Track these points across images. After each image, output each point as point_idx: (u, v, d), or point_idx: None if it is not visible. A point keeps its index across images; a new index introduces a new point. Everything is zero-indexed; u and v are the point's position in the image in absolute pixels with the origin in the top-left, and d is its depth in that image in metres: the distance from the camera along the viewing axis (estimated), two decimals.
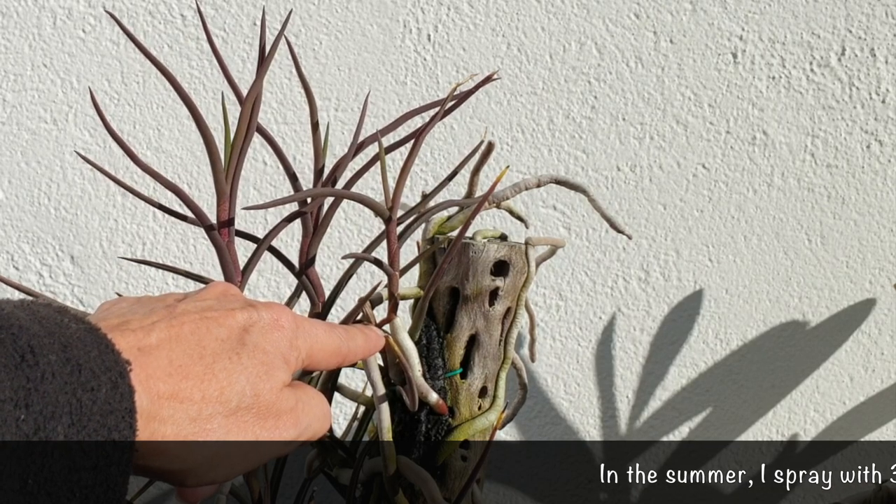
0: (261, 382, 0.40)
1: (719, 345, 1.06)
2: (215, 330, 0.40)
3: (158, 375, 0.36)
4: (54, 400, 0.31)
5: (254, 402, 0.39)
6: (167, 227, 1.02)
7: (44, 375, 0.31)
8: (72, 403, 0.32)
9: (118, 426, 0.33)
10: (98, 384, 0.33)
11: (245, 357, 0.40)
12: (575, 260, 1.04)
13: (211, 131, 0.51)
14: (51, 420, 0.31)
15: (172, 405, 0.36)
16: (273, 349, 0.41)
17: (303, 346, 0.43)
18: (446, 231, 0.62)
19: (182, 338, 0.38)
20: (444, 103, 0.55)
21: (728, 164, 1.02)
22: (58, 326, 0.33)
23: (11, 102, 1.00)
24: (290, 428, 0.41)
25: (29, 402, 0.30)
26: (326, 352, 0.45)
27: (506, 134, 1.02)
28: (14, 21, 0.99)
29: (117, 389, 0.33)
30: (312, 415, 0.43)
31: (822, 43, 1.01)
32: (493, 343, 0.60)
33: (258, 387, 0.40)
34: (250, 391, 0.39)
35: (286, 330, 0.42)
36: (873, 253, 1.04)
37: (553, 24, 1.00)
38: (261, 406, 0.40)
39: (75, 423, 0.31)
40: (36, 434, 0.30)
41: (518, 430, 1.06)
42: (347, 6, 1.00)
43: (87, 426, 0.32)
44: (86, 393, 0.32)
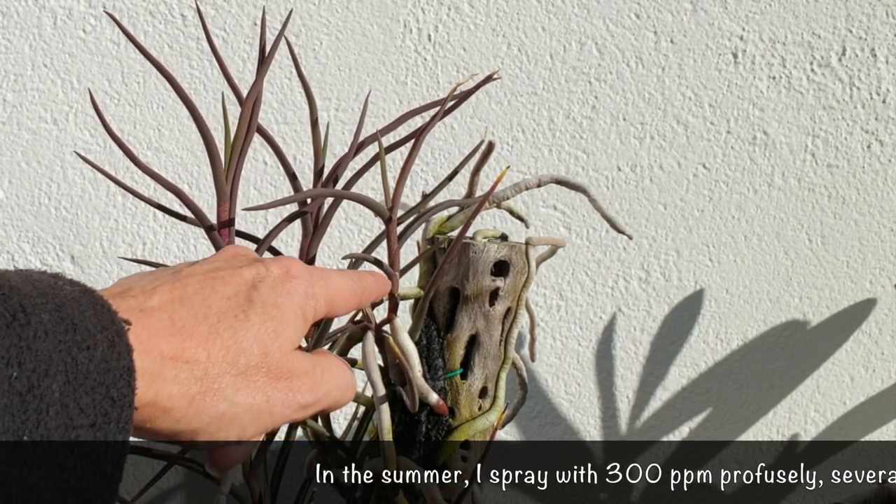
0: (269, 341, 0.39)
1: (720, 345, 1.06)
2: (221, 289, 0.39)
3: (161, 335, 0.35)
4: (48, 358, 0.31)
5: (263, 362, 0.38)
6: (167, 228, 1.02)
7: (36, 334, 0.31)
8: (66, 362, 0.31)
9: (116, 384, 0.32)
10: (94, 343, 0.32)
11: (253, 315, 0.39)
12: (575, 260, 1.04)
13: (211, 131, 0.51)
14: (45, 378, 0.30)
15: (177, 366, 0.36)
16: (287, 302, 0.40)
17: (320, 293, 0.42)
18: (446, 231, 0.62)
19: (186, 298, 0.37)
20: (444, 103, 0.55)
21: (728, 164, 1.02)
22: (51, 288, 0.33)
23: (12, 102, 1.00)
24: (305, 391, 0.40)
25: (21, 361, 0.30)
26: (344, 295, 0.44)
27: (506, 134, 1.02)
28: (14, 21, 0.99)
29: (114, 348, 0.33)
30: (332, 382, 0.42)
31: (823, 43, 1.01)
32: (494, 343, 0.60)
33: (267, 345, 0.39)
34: (258, 350, 0.38)
35: (299, 279, 0.41)
36: (874, 253, 1.04)
37: (553, 24, 1.00)
38: (271, 365, 0.39)
39: (71, 381, 0.31)
40: (30, 392, 0.30)
41: (518, 430, 1.06)
42: (348, 6, 1.00)
43: (84, 385, 0.31)
44: (81, 352, 0.32)
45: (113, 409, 0.32)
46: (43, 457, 0.30)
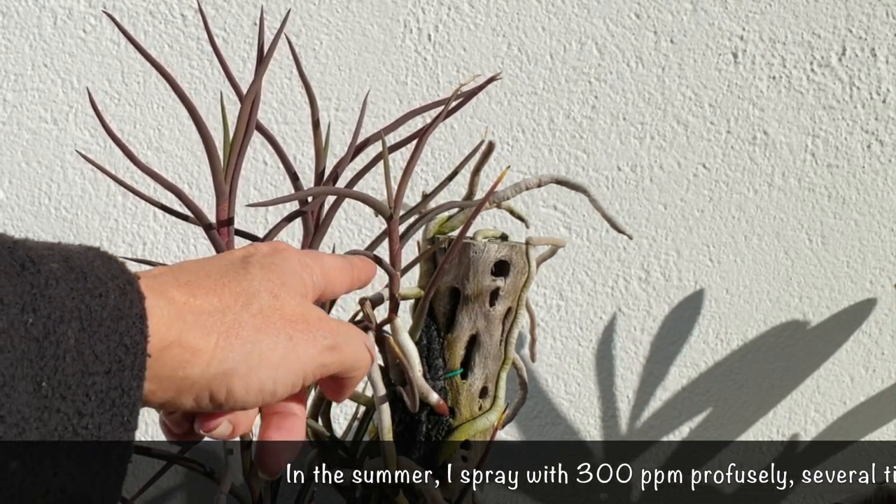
0: (276, 287, 0.39)
1: (720, 345, 1.06)
2: (216, 261, 0.39)
3: (170, 286, 0.36)
4: (61, 305, 0.31)
5: (275, 305, 0.38)
6: (167, 227, 1.02)
7: (47, 281, 0.31)
8: (80, 309, 0.31)
9: (129, 332, 0.32)
10: (105, 290, 0.32)
11: (254, 270, 0.39)
12: (575, 260, 1.04)
13: (210, 131, 0.51)
14: (60, 324, 0.31)
15: (193, 312, 0.36)
16: (283, 264, 0.40)
17: (314, 265, 0.42)
18: (447, 231, 0.62)
19: (184, 268, 0.38)
20: (447, 103, 0.55)
21: (728, 164, 1.02)
22: (55, 243, 0.33)
23: (12, 102, 1.00)
24: (326, 333, 0.40)
25: (36, 307, 0.30)
26: (336, 269, 0.44)
27: (506, 134, 1.02)
28: (14, 21, 0.99)
29: (126, 296, 0.33)
30: (348, 334, 0.41)
31: (823, 43, 1.01)
32: (494, 343, 0.59)
33: (275, 290, 0.39)
34: (267, 294, 0.38)
35: (290, 251, 0.42)
36: (874, 253, 1.04)
37: (553, 24, 1.00)
38: (285, 309, 0.39)
39: (86, 328, 0.31)
40: (46, 338, 0.30)
41: (518, 430, 1.06)
42: (348, 6, 1.00)
43: (98, 332, 0.31)
44: (94, 299, 0.32)
45: (126, 356, 0.32)
46: (61, 403, 0.30)
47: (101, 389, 0.31)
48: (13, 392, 0.29)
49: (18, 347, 0.29)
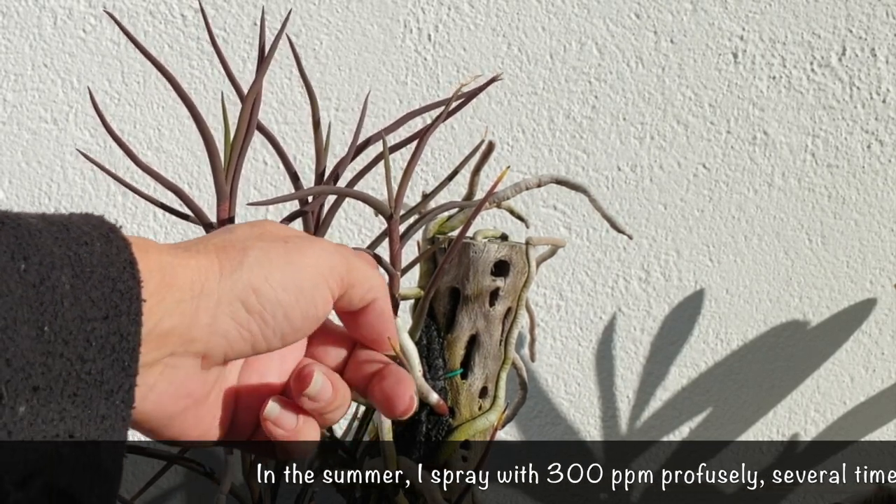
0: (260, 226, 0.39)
1: (720, 345, 1.06)
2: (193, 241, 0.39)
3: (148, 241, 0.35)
4: (51, 251, 0.31)
5: (266, 233, 0.38)
6: (168, 227, 1.02)
7: (31, 232, 0.31)
8: (70, 256, 0.31)
9: (121, 277, 0.32)
10: (90, 239, 0.32)
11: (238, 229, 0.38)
12: (575, 260, 1.04)
13: (211, 131, 0.51)
14: (53, 270, 0.31)
15: (180, 249, 0.35)
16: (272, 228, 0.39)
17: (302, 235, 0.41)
18: (447, 231, 0.62)
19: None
20: (448, 103, 0.55)
21: (729, 164, 1.02)
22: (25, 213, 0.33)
23: (12, 102, 1.00)
24: (330, 248, 0.39)
25: (26, 255, 0.30)
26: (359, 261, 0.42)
27: (506, 134, 1.02)
28: (14, 21, 0.99)
29: (112, 243, 0.33)
30: (355, 256, 0.41)
31: (823, 43, 1.01)
32: (494, 343, 0.59)
33: (263, 227, 0.38)
34: (256, 233, 0.38)
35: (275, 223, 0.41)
36: (874, 253, 1.04)
37: (553, 24, 1.00)
38: (277, 234, 0.38)
39: (78, 274, 0.31)
40: (42, 284, 0.30)
41: (518, 430, 1.06)
42: (348, 6, 1.00)
43: (91, 278, 0.31)
44: (81, 246, 0.32)
45: (122, 301, 0.32)
46: (64, 348, 0.30)
47: (100, 335, 0.31)
48: (16, 336, 0.29)
49: (16, 292, 0.29)
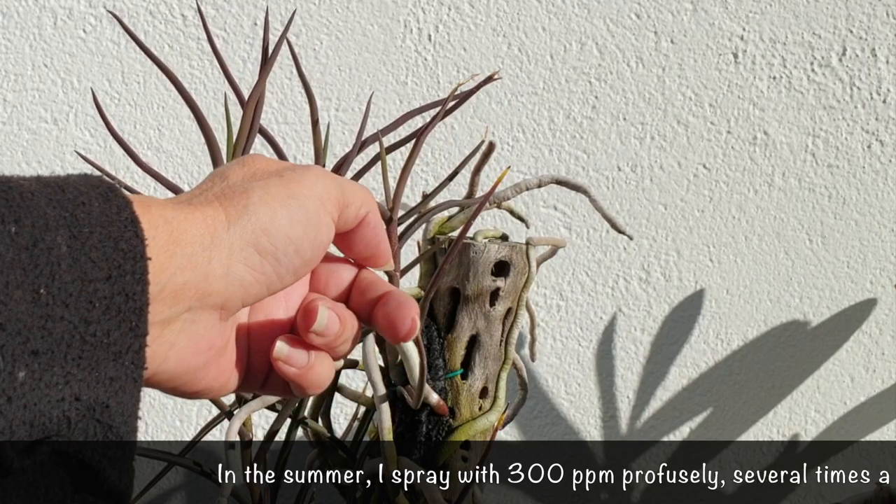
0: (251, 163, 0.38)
1: (720, 345, 1.06)
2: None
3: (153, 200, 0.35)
4: (44, 213, 0.30)
5: (258, 171, 0.38)
6: None
7: (23, 194, 0.30)
8: (65, 217, 0.31)
9: (123, 236, 0.31)
10: (88, 199, 0.31)
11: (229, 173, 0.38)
12: (576, 260, 1.04)
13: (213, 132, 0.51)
14: (47, 232, 0.30)
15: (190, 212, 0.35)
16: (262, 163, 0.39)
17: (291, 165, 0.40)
18: (447, 231, 0.62)
19: None
20: (445, 103, 0.55)
21: (729, 164, 1.02)
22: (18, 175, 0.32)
23: (12, 102, 1.00)
24: (320, 173, 0.39)
25: (17, 218, 0.29)
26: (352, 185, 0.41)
27: (506, 134, 1.02)
28: (15, 21, 0.99)
29: (111, 203, 0.32)
30: (344, 179, 0.40)
31: (823, 43, 1.01)
32: (494, 343, 0.60)
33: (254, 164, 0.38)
34: (249, 172, 0.38)
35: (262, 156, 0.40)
36: (874, 253, 1.04)
37: (554, 24, 1.00)
38: (270, 169, 0.38)
39: (76, 235, 0.30)
40: (36, 246, 0.29)
41: (519, 430, 1.06)
42: (348, 6, 1.00)
43: (91, 238, 0.31)
44: (77, 207, 0.31)
45: (125, 261, 0.31)
46: (64, 310, 0.30)
47: (104, 296, 0.31)
48: (9, 300, 0.28)
49: (6, 256, 0.29)
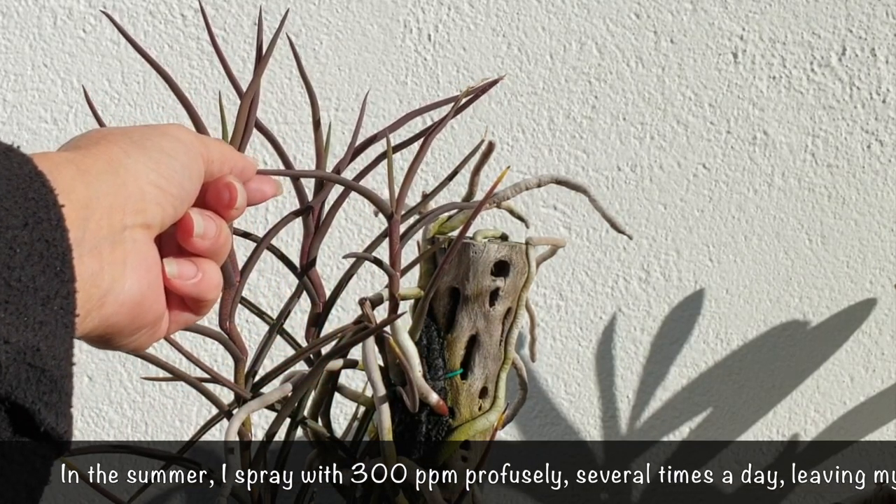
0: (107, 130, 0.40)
1: (720, 345, 1.06)
2: None
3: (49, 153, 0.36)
4: None
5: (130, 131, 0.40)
6: None
7: None
8: None
9: (31, 186, 0.32)
10: None
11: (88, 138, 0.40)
12: (575, 260, 1.04)
13: (210, 131, 0.51)
14: None
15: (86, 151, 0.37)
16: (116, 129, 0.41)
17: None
18: (447, 231, 0.62)
19: None
20: (457, 101, 0.55)
21: (728, 164, 1.02)
22: None
23: (12, 102, 1.00)
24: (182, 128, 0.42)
25: None
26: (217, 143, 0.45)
27: (506, 134, 1.02)
28: (14, 21, 0.99)
29: (10, 160, 0.33)
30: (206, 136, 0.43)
31: (823, 43, 1.01)
32: (494, 343, 0.60)
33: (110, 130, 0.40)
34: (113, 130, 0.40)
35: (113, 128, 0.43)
36: (874, 253, 1.04)
37: (553, 24, 1.00)
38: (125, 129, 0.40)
39: None
40: None
41: (518, 430, 1.06)
42: (348, 6, 1.00)
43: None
44: None
45: (39, 209, 0.32)
46: None
47: (25, 241, 0.31)
48: None
49: None
